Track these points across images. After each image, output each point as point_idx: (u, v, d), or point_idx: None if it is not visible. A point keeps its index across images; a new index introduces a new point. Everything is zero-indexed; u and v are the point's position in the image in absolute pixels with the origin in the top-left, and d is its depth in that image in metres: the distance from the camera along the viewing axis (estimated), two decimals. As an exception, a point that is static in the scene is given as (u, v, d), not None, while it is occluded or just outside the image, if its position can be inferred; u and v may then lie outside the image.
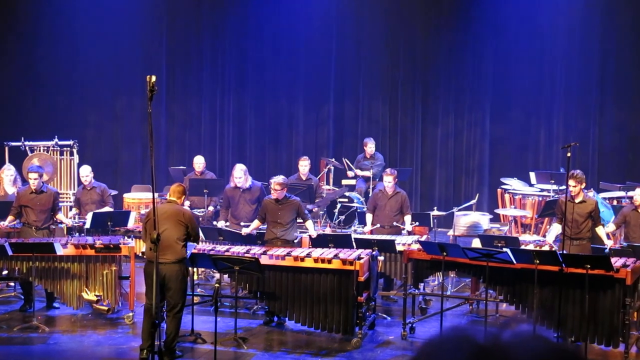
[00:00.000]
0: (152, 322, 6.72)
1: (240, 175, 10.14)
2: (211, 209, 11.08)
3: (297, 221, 9.22)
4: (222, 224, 9.96)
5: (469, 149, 14.14)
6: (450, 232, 10.62)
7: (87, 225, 9.48)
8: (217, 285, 7.15)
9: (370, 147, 12.69)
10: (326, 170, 12.88)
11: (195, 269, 8.78)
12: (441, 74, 14.15)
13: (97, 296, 8.56)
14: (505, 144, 14.01)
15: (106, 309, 8.72)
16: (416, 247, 8.47)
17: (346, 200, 11.95)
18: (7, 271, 8.65)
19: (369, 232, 9.82)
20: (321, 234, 9.35)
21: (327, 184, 12.79)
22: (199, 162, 11.65)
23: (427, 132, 14.28)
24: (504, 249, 7.75)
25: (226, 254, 8.08)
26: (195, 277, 9.01)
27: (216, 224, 10.19)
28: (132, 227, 9.87)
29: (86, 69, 14.43)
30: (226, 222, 10.08)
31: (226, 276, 8.72)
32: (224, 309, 9.06)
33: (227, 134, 14.79)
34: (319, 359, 7.62)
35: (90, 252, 8.48)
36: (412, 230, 9.85)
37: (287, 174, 10.93)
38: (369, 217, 10.00)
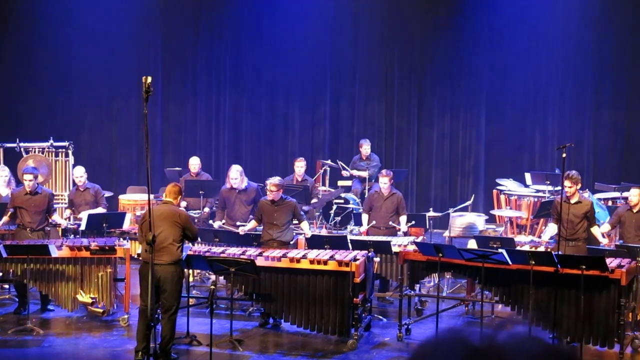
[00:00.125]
0: (147, 324, 6.71)
1: (236, 176, 10.13)
2: (207, 210, 11.08)
3: (293, 222, 9.22)
4: (218, 224, 9.96)
5: (464, 150, 14.15)
6: (445, 233, 10.63)
7: (82, 227, 9.45)
8: (212, 287, 7.14)
9: (365, 148, 12.69)
10: (322, 171, 12.88)
11: (190, 271, 8.76)
12: (437, 75, 14.16)
13: (92, 298, 8.53)
14: (500, 145, 14.02)
15: (101, 311, 8.69)
16: (412, 248, 8.48)
17: (342, 201, 11.96)
18: (2, 273, 8.61)
19: (364, 233, 9.82)
20: (317, 234, 9.34)
21: (323, 185, 12.79)
22: (194, 163, 11.63)
23: (422, 133, 14.29)
24: (500, 250, 7.76)
25: (222, 255, 8.06)
26: (190, 279, 8.99)
27: (212, 223, 10.19)
28: (128, 228, 9.84)
29: (82, 70, 14.39)
30: (222, 223, 10.07)
31: (222, 278, 8.71)
32: (220, 310, 9.05)
33: (223, 135, 14.77)
34: (315, 360, 7.63)
35: (85, 254, 8.45)
36: (407, 231, 9.86)
37: (283, 175, 10.92)
38: (365, 218, 10.00)
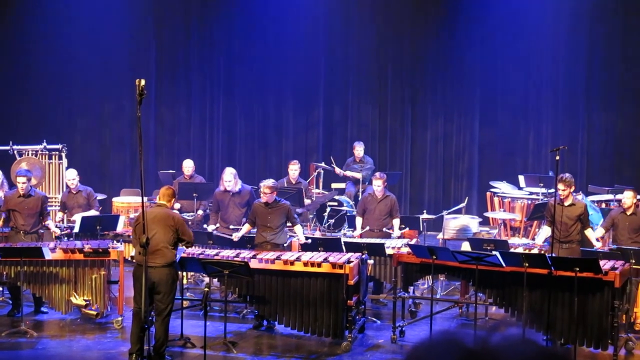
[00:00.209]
0: (141, 327, 6.70)
1: (229, 178, 10.11)
2: (200, 212, 11.06)
3: (287, 225, 9.22)
4: (212, 228, 9.94)
5: (458, 153, 14.17)
6: (439, 236, 10.64)
7: (76, 229, 9.43)
8: (206, 289, 7.14)
9: (358, 151, 12.70)
10: (315, 174, 12.89)
11: (184, 273, 8.75)
12: (430, 78, 14.18)
13: (85, 301, 8.51)
14: (494, 148, 14.05)
15: (95, 313, 8.67)
16: (406, 250, 8.48)
17: (336, 203, 11.97)
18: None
19: (358, 236, 9.82)
20: (310, 237, 9.34)
21: (317, 187, 12.79)
22: (188, 165, 11.62)
23: (416, 136, 14.30)
24: (494, 252, 7.77)
25: (215, 257, 8.05)
26: (184, 281, 8.98)
27: (206, 226, 10.17)
28: (121, 231, 9.83)
29: (75, 73, 14.37)
30: (216, 227, 10.06)
31: (215, 280, 8.70)
32: (214, 313, 9.04)
33: (217, 137, 14.76)
34: (309, 362, 7.62)
35: (79, 256, 8.43)
36: (401, 234, 9.86)
37: (277, 178, 10.91)
38: (359, 221, 10.00)
